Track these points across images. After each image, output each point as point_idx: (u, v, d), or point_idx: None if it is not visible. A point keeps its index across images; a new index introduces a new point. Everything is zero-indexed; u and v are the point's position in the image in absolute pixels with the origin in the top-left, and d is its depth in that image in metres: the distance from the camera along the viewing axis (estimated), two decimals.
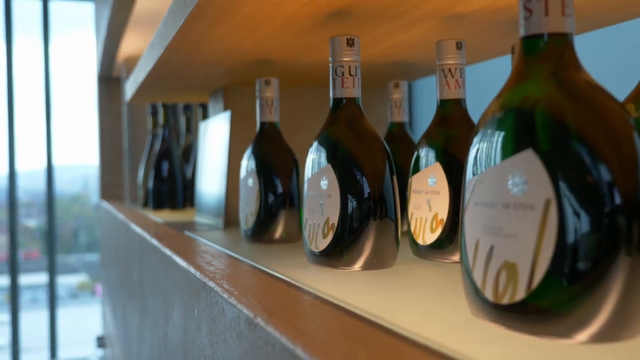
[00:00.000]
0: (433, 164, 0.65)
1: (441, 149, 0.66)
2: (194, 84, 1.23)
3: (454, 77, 0.67)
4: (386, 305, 0.44)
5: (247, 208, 0.86)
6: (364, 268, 0.60)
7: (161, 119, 1.72)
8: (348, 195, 0.60)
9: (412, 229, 0.68)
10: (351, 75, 0.64)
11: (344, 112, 0.64)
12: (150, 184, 1.66)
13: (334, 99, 0.65)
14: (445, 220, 0.64)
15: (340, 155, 0.62)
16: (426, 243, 0.66)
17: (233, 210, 1.09)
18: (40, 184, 3.57)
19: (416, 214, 0.67)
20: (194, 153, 1.76)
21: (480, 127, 0.39)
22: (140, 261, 1.12)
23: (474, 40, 0.85)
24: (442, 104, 0.68)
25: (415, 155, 0.68)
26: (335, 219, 0.61)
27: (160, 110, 1.73)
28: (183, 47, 0.88)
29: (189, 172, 1.72)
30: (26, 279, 3.88)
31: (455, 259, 0.64)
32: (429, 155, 0.66)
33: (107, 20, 1.81)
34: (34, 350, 3.77)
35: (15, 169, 3.41)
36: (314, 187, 0.64)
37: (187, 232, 1.01)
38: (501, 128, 0.37)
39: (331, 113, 0.65)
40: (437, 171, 0.65)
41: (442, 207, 0.64)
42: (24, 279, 3.69)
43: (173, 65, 1.03)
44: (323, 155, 0.63)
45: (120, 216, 1.55)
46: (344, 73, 0.64)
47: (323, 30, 0.78)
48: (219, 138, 1.13)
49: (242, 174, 0.88)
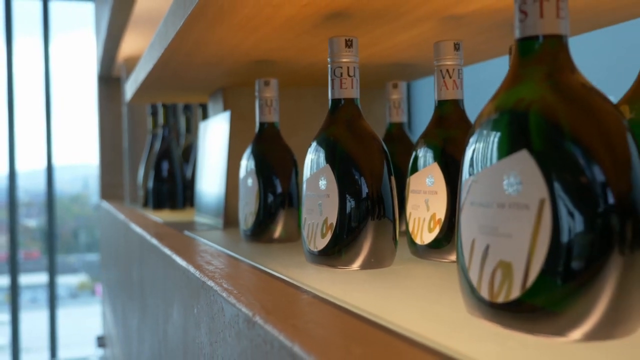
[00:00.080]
0: (431, 164, 0.66)
1: (439, 150, 0.66)
2: (193, 84, 1.23)
3: (451, 78, 0.67)
4: (384, 304, 0.45)
5: (247, 208, 0.86)
6: (362, 267, 0.61)
7: (161, 119, 1.73)
8: (346, 195, 0.61)
9: (410, 229, 0.68)
10: (350, 76, 0.65)
11: (343, 113, 0.65)
12: (150, 184, 1.66)
13: (332, 100, 0.65)
14: (443, 220, 0.64)
15: (339, 156, 0.62)
16: (424, 243, 0.66)
17: (233, 210, 1.10)
18: (41, 184, 3.57)
19: (414, 214, 0.68)
20: (193, 153, 1.77)
21: (476, 128, 0.40)
22: (140, 261, 1.13)
23: (472, 41, 0.86)
24: (440, 105, 0.68)
25: (414, 155, 0.69)
26: (333, 219, 0.61)
27: (160, 110, 1.74)
28: (183, 48, 0.88)
29: (189, 172, 1.73)
30: (26, 279, 3.88)
31: (452, 258, 0.65)
32: (427, 155, 0.67)
33: (107, 21, 1.82)
34: (34, 350, 3.78)
35: (16, 169, 3.41)
36: (313, 187, 0.64)
37: (187, 232, 1.02)
38: (496, 129, 0.38)
39: (330, 113, 0.66)
40: (435, 171, 0.65)
41: (440, 207, 0.65)
42: (24, 279, 3.70)
43: (173, 65, 1.03)
44: (322, 156, 0.63)
45: (120, 216, 1.55)
46: (342, 74, 0.65)
47: (322, 31, 0.79)
48: (219, 138, 1.13)
49: (242, 174, 0.89)
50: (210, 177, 1.17)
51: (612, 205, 0.33)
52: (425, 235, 0.66)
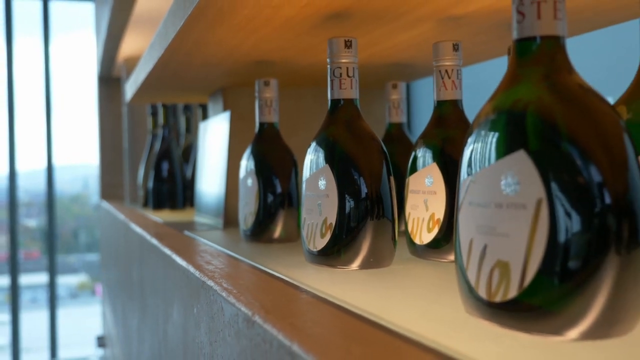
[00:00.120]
0: (430, 164, 0.66)
1: (438, 150, 0.66)
2: (193, 84, 1.24)
3: (450, 79, 0.67)
4: (382, 304, 0.45)
5: (246, 208, 0.86)
6: (361, 267, 0.61)
7: (161, 119, 1.73)
8: (346, 195, 0.61)
9: (410, 229, 0.68)
10: (349, 76, 0.65)
11: (342, 113, 0.65)
12: (150, 184, 1.66)
13: (331, 100, 0.66)
14: (441, 220, 0.64)
15: (338, 156, 0.63)
16: (423, 243, 0.66)
17: (232, 210, 1.10)
18: (41, 184, 3.58)
19: (413, 214, 0.68)
20: (193, 153, 1.77)
21: (474, 128, 0.40)
22: (140, 261, 1.13)
23: (471, 41, 0.86)
24: (439, 105, 0.68)
25: (413, 155, 0.69)
26: (333, 219, 0.61)
27: (160, 110, 1.74)
28: (183, 48, 0.89)
29: (189, 172, 1.73)
30: (26, 279, 3.89)
31: (451, 258, 0.65)
32: (426, 155, 0.67)
33: (108, 21, 1.82)
34: (34, 350, 3.78)
35: (16, 169, 3.42)
36: (312, 187, 0.64)
37: (187, 232, 1.02)
38: (494, 129, 0.38)
39: (329, 114, 0.66)
40: (434, 171, 0.66)
41: (439, 207, 0.65)
42: (24, 279, 3.70)
43: (173, 66, 1.03)
44: (321, 156, 0.64)
45: (121, 216, 1.55)
46: (341, 74, 0.65)
47: (322, 31, 0.79)
48: (219, 138, 1.14)
49: (242, 174, 0.89)
50: (210, 177, 1.17)
51: (609, 206, 0.33)
52: (424, 235, 0.66)
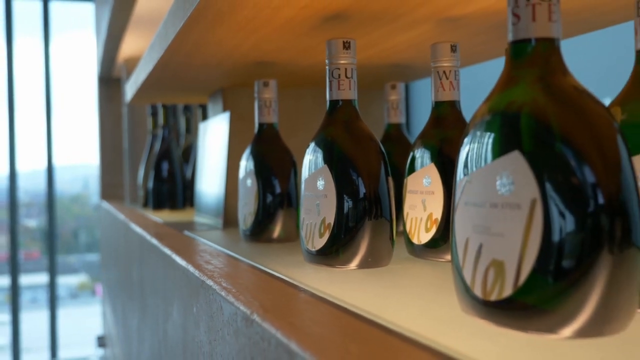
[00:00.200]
0: (428, 164, 0.67)
1: (436, 150, 0.67)
2: (193, 85, 1.24)
3: (448, 79, 0.68)
4: (380, 303, 0.45)
5: (246, 208, 0.87)
6: (359, 267, 0.61)
7: (161, 120, 1.73)
8: (344, 195, 0.61)
9: (408, 229, 0.69)
10: (347, 77, 0.65)
11: (341, 114, 0.66)
12: (150, 184, 1.67)
13: (330, 101, 0.66)
14: (439, 220, 0.65)
15: (337, 156, 0.63)
16: (421, 242, 0.67)
17: (232, 210, 1.11)
18: (41, 184, 3.58)
19: (411, 214, 0.68)
20: (193, 153, 1.77)
21: (470, 129, 0.41)
22: (140, 261, 1.13)
23: (469, 42, 0.86)
24: (437, 106, 0.69)
25: (411, 156, 0.70)
26: (331, 219, 0.62)
27: (160, 111, 1.75)
28: (183, 49, 0.89)
29: (189, 173, 1.73)
30: (26, 279, 3.89)
31: (449, 257, 0.65)
32: (424, 156, 0.68)
33: (108, 21, 1.82)
34: (34, 350, 3.78)
35: (16, 169, 3.42)
36: (311, 188, 0.65)
37: (187, 232, 1.02)
38: (489, 130, 0.38)
39: (328, 114, 0.67)
40: (432, 172, 0.66)
41: (437, 207, 0.65)
42: (24, 279, 3.70)
43: (173, 66, 1.04)
44: (320, 156, 0.64)
45: (121, 216, 1.56)
46: (340, 75, 0.65)
47: (321, 32, 0.79)
48: (218, 139, 1.14)
49: (241, 174, 0.90)
50: (209, 178, 1.18)
51: (602, 206, 0.34)
52: (422, 235, 0.67)
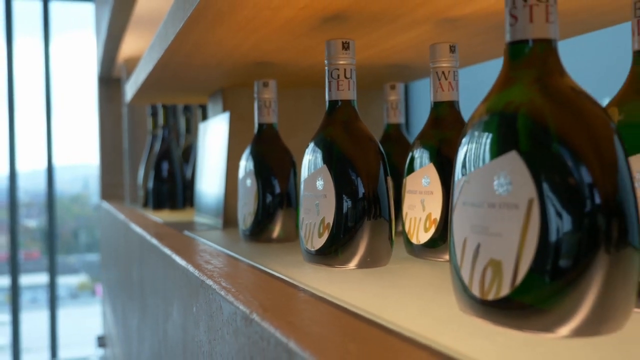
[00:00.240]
0: (427, 164, 0.67)
1: (435, 150, 0.67)
2: (193, 85, 1.24)
3: (447, 80, 0.68)
4: (379, 302, 0.46)
5: (246, 208, 0.87)
6: (358, 266, 0.61)
7: (161, 120, 1.74)
8: (343, 195, 0.62)
9: (407, 229, 0.69)
10: (346, 78, 0.66)
11: (340, 114, 0.66)
12: (150, 184, 1.67)
13: (329, 101, 0.66)
14: (438, 220, 0.65)
15: (336, 156, 0.63)
16: (420, 242, 0.67)
17: (232, 210, 1.11)
18: (41, 184, 3.58)
19: (410, 214, 0.69)
20: (193, 154, 1.78)
21: (468, 129, 0.41)
22: (140, 261, 1.13)
23: (468, 43, 0.87)
24: (436, 106, 0.69)
25: (410, 156, 0.70)
26: (330, 219, 0.62)
27: (160, 111, 1.75)
28: (183, 49, 0.89)
29: (189, 173, 1.74)
30: (26, 279, 3.89)
31: (448, 257, 0.65)
32: (422, 156, 0.68)
33: (108, 21, 1.83)
34: (34, 350, 3.79)
35: (16, 169, 3.42)
36: (310, 188, 0.65)
37: (187, 232, 1.03)
38: (487, 130, 0.39)
39: (327, 115, 0.67)
40: (431, 172, 0.66)
41: (436, 207, 0.66)
42: (24, 279, 3.71)
43: (173, 67, 1.04)
44: (319, 156, 0.64)
45: (121, 216, 1.56)
46: (339, 76, 0.65)
47: (320, 33, 0.79)
48: (218, 139, 1.14)
49: (241, 174, 0.90)
50: (209, 178, 1.18)
51: (599, 206, 0.34)
52: (421, 235, 0.67)
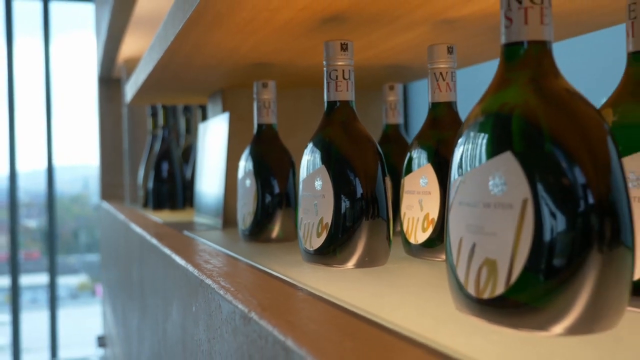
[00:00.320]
0: (425, 165, 0.67)
1: (432, 151, 0.68)
2: (193, 86, 1.25)
3: (445, 81, 0.69)
4: (376, 301, 0.46)
5: (245, 208, 0.88)
6: (356, 266, 0.62)
7: (161, 120, 1.74)
8: (341, 195, 0.62)
9: (405, 229, 0.70)
10: (345, 78, 0.66)
11: (338, 115, 0.66)
12: (150, 185, 1.68)
13: (328, 102, 0.67)
14: (436, 220, 0.66)
15: (334, 157, 0.64)
16: (418, 242, 0.67)
17: (231, 211, 1.11)
18: (41, 184, 3.59)
19: (408, 214, 0.69)
20: (193, 154, 1.78)
21: (464, 130, 0.41)
22: (140, 261, 1.14)
23: (466, 44, 0.87)
24: (434, 107, 0.70)
25: (408, 156, 0.70)
26: (329, 219, 0.62)
27: (160, 111, 1.75)
28: (182, 50, 0.90)
29: (189, 173, 1.74)
30: (27, 280, 3.89)
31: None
32: (420, 156, 0.68)
33: (108, 22, 1.83)
34: (34, 350, 3.79)
35: (16, 169, 3.43)
36: (309, 188, 0.65)
37: (186, 232, 1.03)
38: (482, 131, 0.39)
39: (325, 115, 0.67)
40: (429, 172, 0.67)
41: (433, 207, 0.66)
42: (24, 280, 3.71)
43: (173, 67, 1.04)
44: (317, 157, 0.65)
45: (121, 216, 1.56)
46: (337, 77, 0.66)
47: (319, 34, 0.80)
48: (218, 139, 1.15)
49: (240, 174, 0.90)
50: (209, 178, 1.18)
51: (592, 206, 0.35)
52: (419, 235, 0.67)
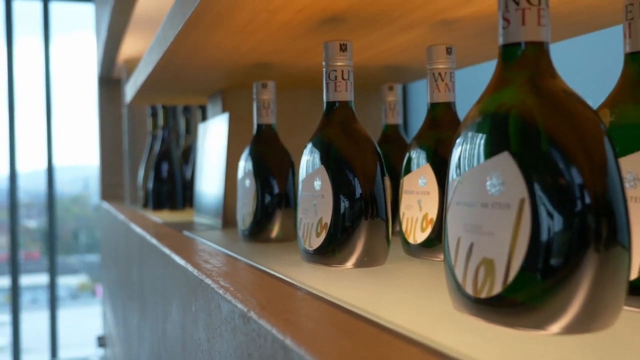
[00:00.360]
0: (423, 165, 0.68)
1: (431, 151, 0.68)
2: (193, 86, 1.25)
3: (443, 81, 0.69)
4: (374, 300, 0.46)
5: (244, 208, 0.88)
6: (355, 266, 0.62)
7: (161, 121, 1.74)
8: (340, 195, 0.62)
9: (404, 228, 0.70)
10: (344, 79, 0.66)
11: (337, 115, 0.67)
12: (150, 185, 1.68)
13: (327, 102, 0.67)
14: (434, 220, 0.66)
15: (333, 157, 0.64)
16: (417, 242, 0.68)
17: (231, 211, 1.11)
18: (41, 184, 3.59)
19: (407, 214, 0.69)
20: (193, 154, 1.78)
21: (461, 130, 0.42)
22: (140, 261, 1.14)
23: (464, 44, 0.87)
24: (433, 107, 0.70)
25: (407, 156, 0.71)
26: (328, 219, 0.63)
27: (160, 112, 1.76)
28: (182, 51, 0.90)
29: (188, 173, 1.74)
30: (27, 280, 3.90)
31: None
32: (419, 156, 0.69)
33: (108, 22, 1.83)
34: (34, 350, 3.79)
35: (16, 169, 3.43)
36: (308, 188, 0.66)
37: (186, 232, 1.03)
38: (480, 131, 0.39)
39: (324, 116, 0.67)
40: (427, 172, 0.67)
41: (432, 207, 0.66)
42: (24, 280, 3.71)
43: (172, 68, 1.05)
44: (317, 157, 0.65)
45: (121, 216, 1.57)
46: (336, 77, 0.66)
47: (318, 35, 0.80)
48: (218, 140, 1.15)
49: (240, 175, 0.90)
50: (209, 178, 1.19)
51: (589, 205, 0.35)
52: (417, 235, 0.68)
